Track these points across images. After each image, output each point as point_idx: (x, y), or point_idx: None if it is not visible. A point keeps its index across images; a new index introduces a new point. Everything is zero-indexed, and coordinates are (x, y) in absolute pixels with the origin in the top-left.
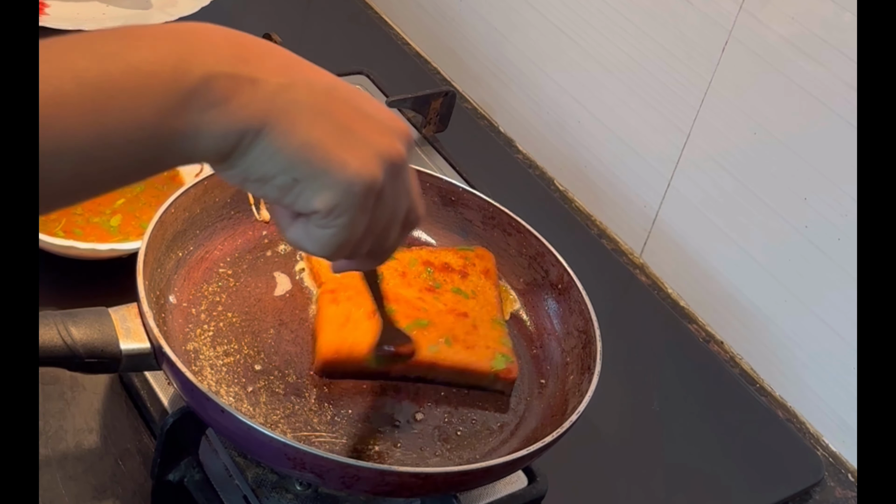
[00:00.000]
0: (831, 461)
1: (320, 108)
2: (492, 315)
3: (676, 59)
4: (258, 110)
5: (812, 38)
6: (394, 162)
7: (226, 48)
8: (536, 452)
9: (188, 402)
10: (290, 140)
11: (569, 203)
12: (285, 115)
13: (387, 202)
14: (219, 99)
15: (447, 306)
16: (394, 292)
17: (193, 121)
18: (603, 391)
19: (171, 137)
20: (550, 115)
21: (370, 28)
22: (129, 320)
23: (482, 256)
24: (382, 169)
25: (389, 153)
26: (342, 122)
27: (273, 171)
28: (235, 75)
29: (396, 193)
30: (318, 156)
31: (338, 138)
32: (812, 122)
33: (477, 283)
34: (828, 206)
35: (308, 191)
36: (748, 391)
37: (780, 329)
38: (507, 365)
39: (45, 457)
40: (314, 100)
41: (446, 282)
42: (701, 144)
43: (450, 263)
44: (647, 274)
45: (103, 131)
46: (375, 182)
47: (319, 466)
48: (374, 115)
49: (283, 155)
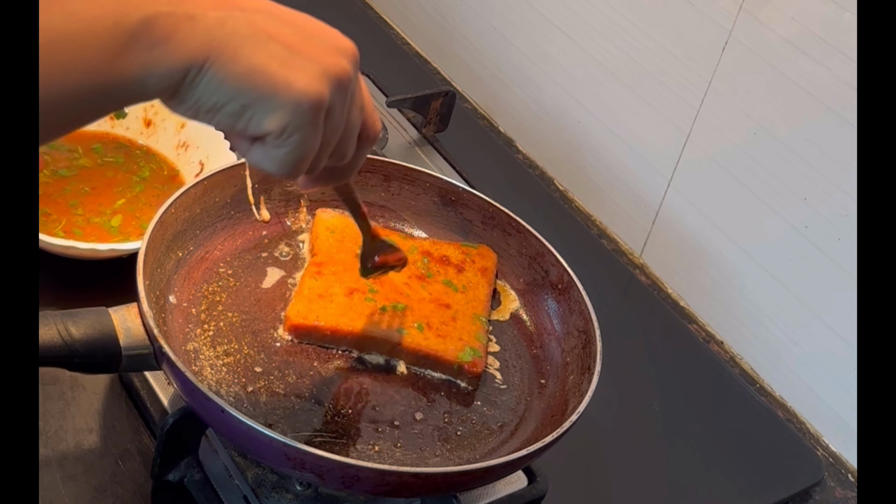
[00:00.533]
0: (831, 461)
1: (260, 35)
2: (476, 311)
3: (676, 59)
4: (199, 44)
5: (812, 38)
6: (339, 78)
7: None
8: (536, 452)
9: (188, 402)
10: (234, 68)
11: (569, 203)
12: (227, 46)
13: (337, 117)
14: (160, 38)
15: (431, 295)
16: (383, 276)
17: (138, 61)
18: (603, 391)
19: (119, 78)
20: (550, 115)
21: (370, 28)
22: (129, 320)
23: (484, 255)
24: (329, 85)
25: (335, 70)
26: (284, 44)
27: (221, 100)
28: (173, 13)
29: (346, 108)
30: (263, 80)
31: (281, 61)
32: (812, 122)
33: (471, 279)
34: (828, 206)
35: (258, 114)
36: (748, 391)
37: (780, 329)
38: (474, 359)
39: (45, 457)
40: (254, 27)
41: (439, 273)
42: (701, 144)
43: (449, 257)
44: (647, 274)
45: (52, 78)
46: (322, 98)
47: (319, 466)
48: (316, 36)
49: (229, 83)
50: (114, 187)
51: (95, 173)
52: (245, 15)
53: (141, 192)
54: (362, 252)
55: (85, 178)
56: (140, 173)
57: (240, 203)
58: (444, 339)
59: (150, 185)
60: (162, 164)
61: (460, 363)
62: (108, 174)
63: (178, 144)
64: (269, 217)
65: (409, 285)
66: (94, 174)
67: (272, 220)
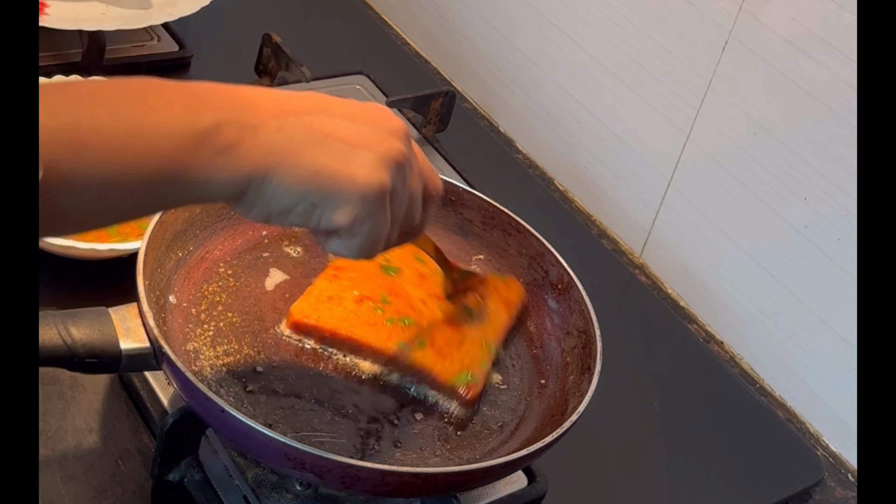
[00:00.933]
0: (831, 461)
1: (317, 136)
2: (486, 339)
3: (676, 59)
4: (261, 155)
5: (812, 38)
6: (397, 160)
7: (225, 98)
8: (536, 452)
9: (188, 402)
10: (298, 173)
11: (569, 203)
12: (287, 152)
13: (400, 195)
14: (226, 145)
15: (445, 316)
16: (401, 287)
17: (205, 163)
18: (603, 391)
19: (187, 175)
20: (550, 115)
21: (370, 28)
22: (129, 320)
23: (511, 287)
24: (388, 171)
25: (391, 154)
26: (341, 140)
27: (290, 203)
28: (239, 122)
29: (407, 183)
30: (327, 179)
31: (340, 158)
32: (812, 122)
33: (491, 308)
34: (828, 206)
35: (328, 211)
36: (748, 391)
37: (780, 329)
38: (468, 384)
39: (45, 457)
40: (310, 130)
41: (458, 297)
42: (701, 144)
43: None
44: (647, 274)
45: (128, 162)
46: (385, 184)
47: (319, 466)
48: (367, 123)
49: (296, 187)
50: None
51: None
52: (300, 119)
53: None
54: (444, 288)
55: None
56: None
57: None
58: (443, 359)
59: None
60: None
61: (454, 386)
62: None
63: None
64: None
65: (425, 303)
66: None
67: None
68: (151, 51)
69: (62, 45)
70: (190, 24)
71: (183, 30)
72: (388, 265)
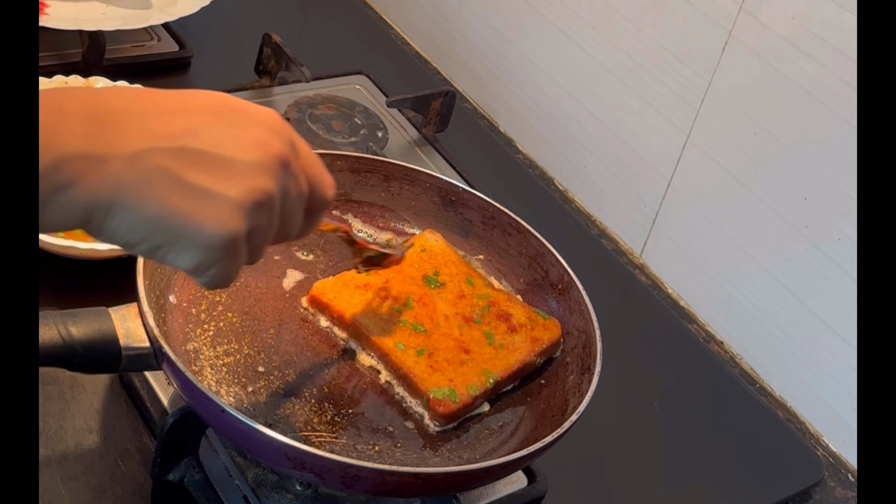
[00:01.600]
0: (831, 461)
1: (170, 174)
2: (492, 368)
3: (676, 59)
4: (106, 189)
5: (812, 38)
6: (258, 201)
7: (79, 124)
8: (536, 452)
9: (188, 402)
10: (143, 212)
11: (569, 203)
12: (134, 191)
13: (265, 228)
14: (66, 183)
15: (461, 337)
16: (433, 299)
17: (44, 198)
18: (603, 391)
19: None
20: (550, 115)
21: (370, 28)
22: (129, 320)
23: (547, 328)
24: (245, 216)
25: (252, 196)
26: (198, 178)
27: (134, 239)
28: (84, 156)
29: (276, 213)
30: (173, 222)
31: (191, 201)
32: (812, 122)
33: (516, 342)
34: (828, 206)
35: (171, 254)
36: (748, 391)
37: (780, 329)
38: (444, 399)
39: (45, 457)
40: (165, 165)
41: (489, 324)
42: (701, 144)
43: (512, 315)
44: (646, 274)
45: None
46: (235, 233)
47: (319, 466)
48: (233, 158)
49: (139, 226)
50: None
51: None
52: (160, 148)
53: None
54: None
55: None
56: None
57: None
58: (433, 371)
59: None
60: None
61: (428, 396)
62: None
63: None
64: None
65: (448, 319)
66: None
67: None
68: (151, 51)
69: (62, 45)
70: (190, 24)
71: (183, 30)
72: (435, 278)
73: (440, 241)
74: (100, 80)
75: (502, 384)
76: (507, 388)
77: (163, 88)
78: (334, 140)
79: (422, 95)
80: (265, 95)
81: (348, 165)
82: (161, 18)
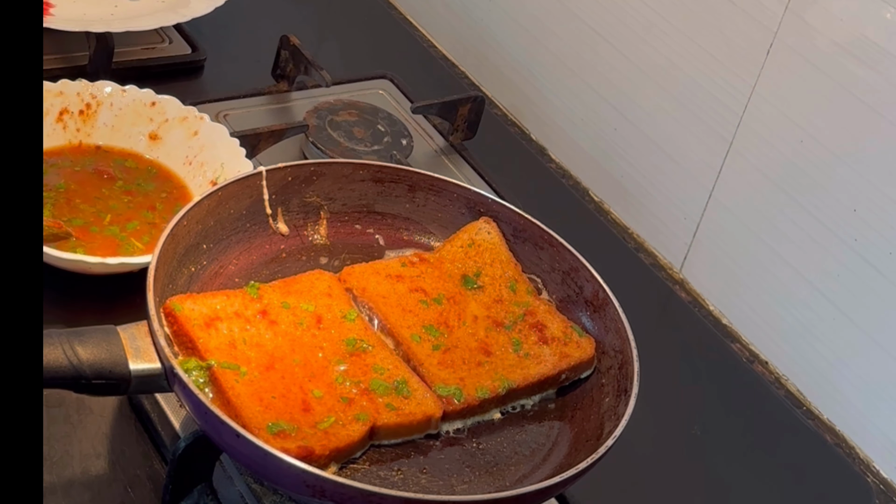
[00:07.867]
0: (882, 488)
1: None
2: (509, 375)
3: (718, 63)
4: None
5: (863, 41)
6: None
7: None
8: (570, 479)
9: (201, 425)
10: None
11: (604, 215)
12: None
13: None
14: None
15: (484, 338)
16: (465, 300)
17: None
18: (640, 414)
19: None
20: (585, 122)
21: (394, 30)
22: (139, 339)
23: (581, 346)
24: None
25: None
26: None
27: None
28: None
29: None
30: None
31: None
32: (863, 131)
33: (544, 354)
34: (879, 219)
35: None
36: (795, 414)
37: (828, 349)
38: (447, 397)
39: (50, 483)
40: None
41: (519, 331)
42: (744, 153)
43: (546, 327)
44: (687, 290)
45: None
46: None
47: (341, 494)
48: None
49: None
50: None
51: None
52: None
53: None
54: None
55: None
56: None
57: (255, 215)
58: (443, 367)
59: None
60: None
61: (433, 390)
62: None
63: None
64: (288, 230)
65: (476, 320)
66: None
67: (290, 234)
68: (162, 53)
69: (68, 47)
70: (203, 26)
71: (196, 31)
72: (475, 279)
73: (494, 234)
74: (108, 84)
75: (518, 394)
76: (525, 400)
77: (174, 93)
78: (356, 148)
79: (449, 101)
80: (283, 101)
81: (371, 175)
82: (173, 19)
